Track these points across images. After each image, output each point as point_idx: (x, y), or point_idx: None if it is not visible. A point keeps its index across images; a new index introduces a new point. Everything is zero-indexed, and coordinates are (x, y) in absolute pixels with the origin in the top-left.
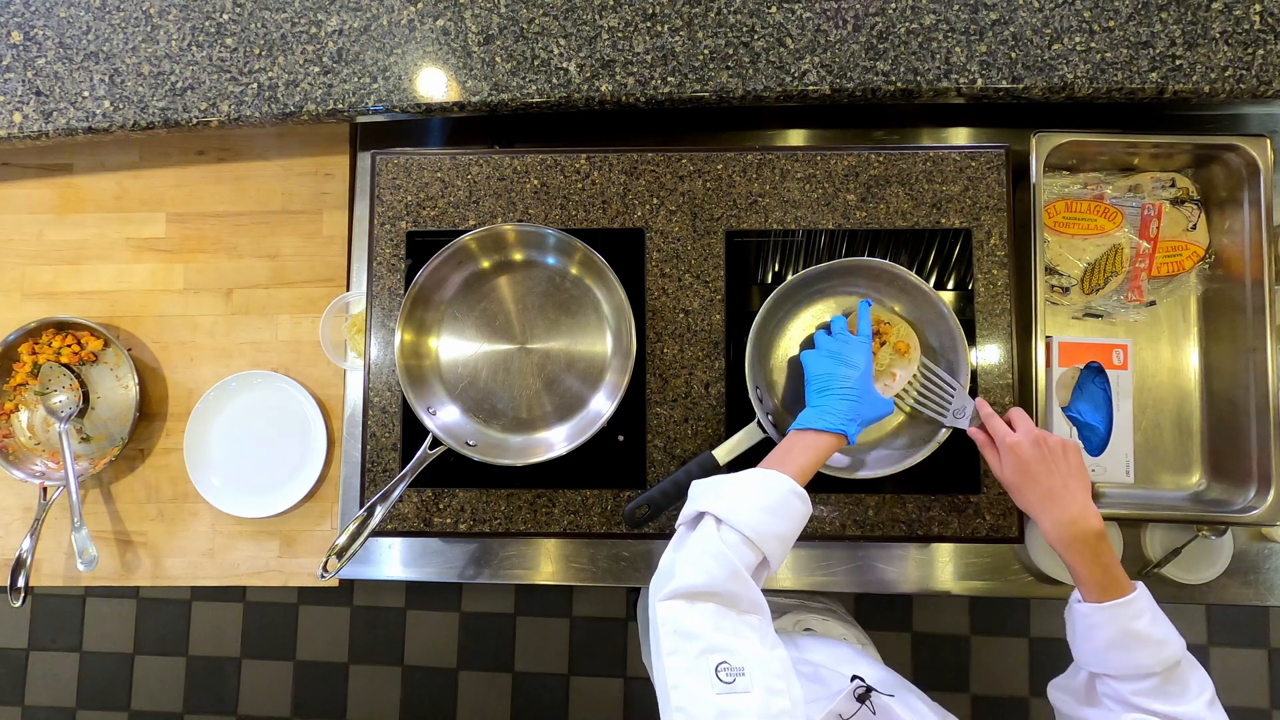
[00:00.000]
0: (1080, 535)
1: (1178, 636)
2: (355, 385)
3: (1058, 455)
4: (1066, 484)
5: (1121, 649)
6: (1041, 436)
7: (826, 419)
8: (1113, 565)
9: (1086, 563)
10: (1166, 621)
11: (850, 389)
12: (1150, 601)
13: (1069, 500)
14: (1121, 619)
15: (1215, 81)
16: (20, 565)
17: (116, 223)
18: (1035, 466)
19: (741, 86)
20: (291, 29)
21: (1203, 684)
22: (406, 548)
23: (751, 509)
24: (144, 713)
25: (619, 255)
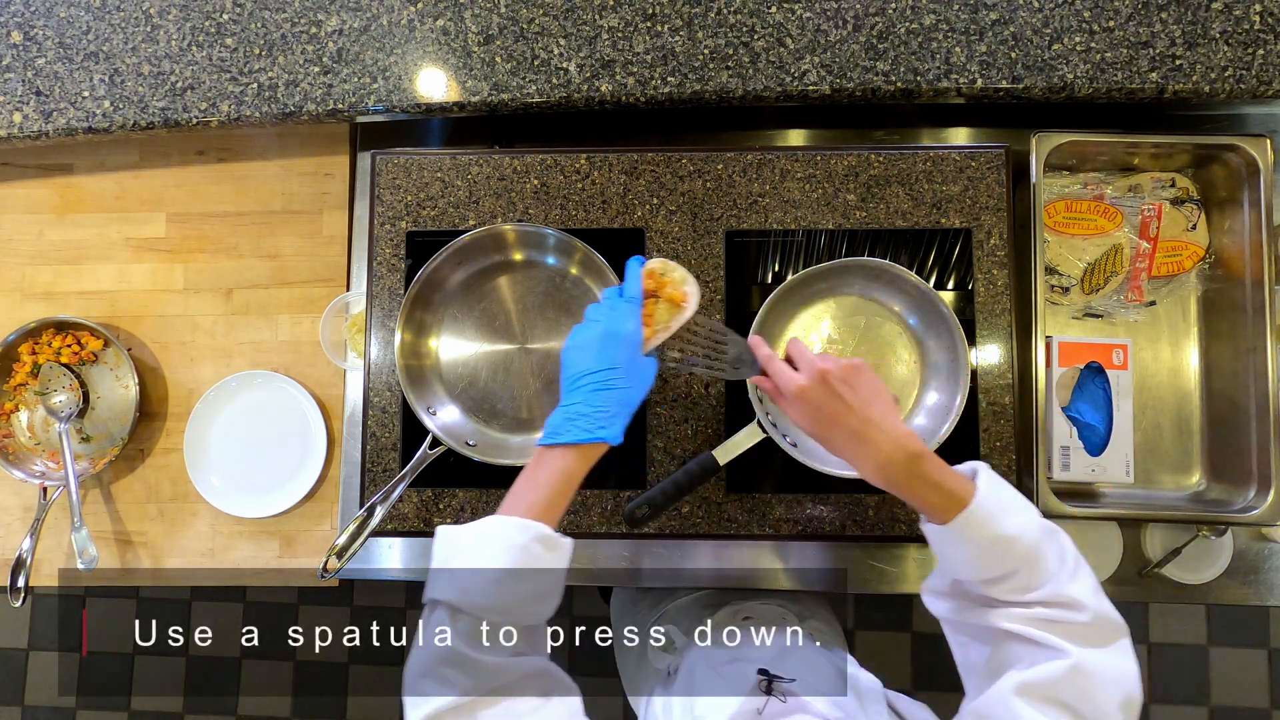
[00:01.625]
0: (904, 468)
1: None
2: (355, 385)
3: (851, 385)
4: (868, 416)
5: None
6: (823, 371)
7: (574, 428)
8: (945, 479)
9: (916, 490)
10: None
11: (606, 372)
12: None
13: (877, 437)
14: (969, 532)
15: (1215, 81)
16: (20, 565)
17: (116, 223)
18: (830, 408)
19: (741, 86)
20: (291, 29)
21: (1060, 554)
22: (406, 548)
23: (486, 583)
24: (144, 713)
25: (619, 255)
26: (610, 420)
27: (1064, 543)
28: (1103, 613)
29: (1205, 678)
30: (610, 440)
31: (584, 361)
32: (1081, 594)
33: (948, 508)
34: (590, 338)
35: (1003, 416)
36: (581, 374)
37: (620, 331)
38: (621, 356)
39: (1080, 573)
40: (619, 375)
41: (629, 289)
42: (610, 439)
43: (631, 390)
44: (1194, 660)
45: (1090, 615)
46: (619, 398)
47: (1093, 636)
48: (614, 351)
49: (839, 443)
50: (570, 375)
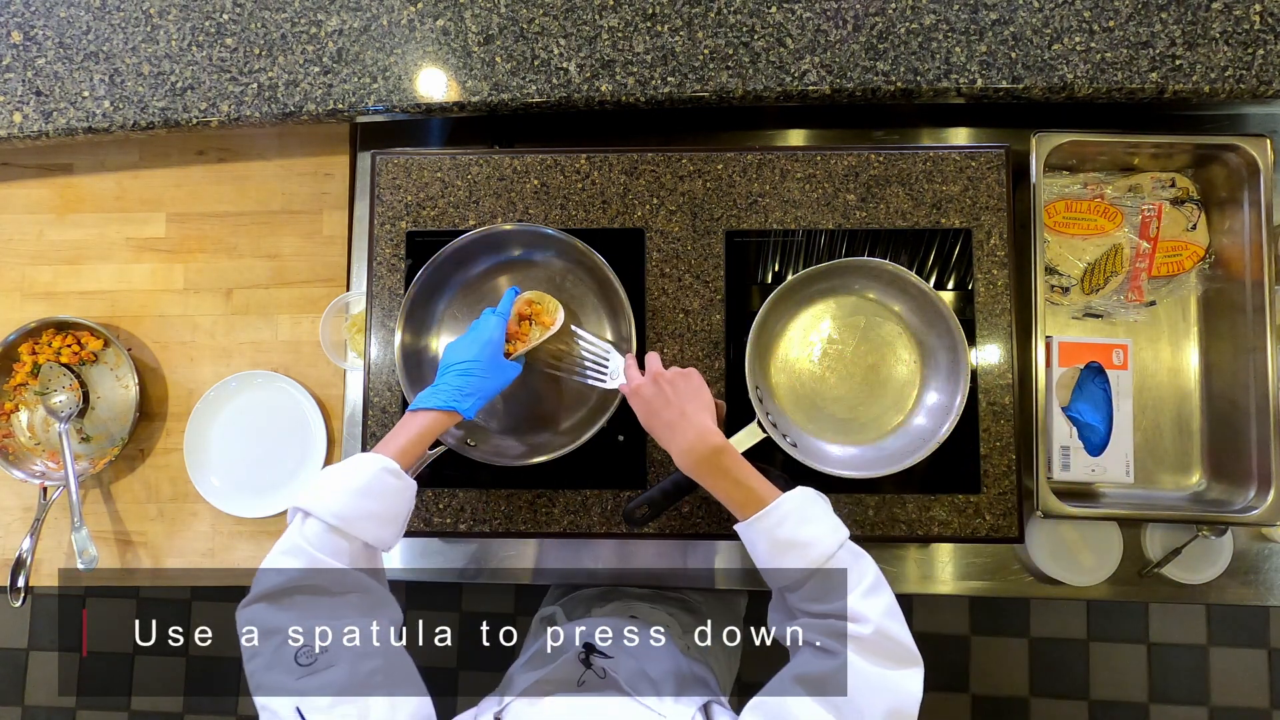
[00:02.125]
0: (703, 457)
1: (832, 534)
2: (355, 385)
3: (675, 386)
4: (683, 411)
5: (775, 560)
6: (659, 373)
7: (438, 397)
8: (748, 479)
9: (719, 483)
10: (818, 522)
11: (469, 363)
12: (798, 505)
13: (685, 427)
14: (766, 529)
15: (1215, 81)
16: (20, 565)
17: (116, 223)
18: (655, 403)
19: (741, 86)
20: (291, 29)
21: (861, 574)
22: (406, 548)
23: (338, 494)
24: (144, 713)
25: (619, 255)
26: (465, 398)
27: (866, 566)
28: (889, 633)
29: (1205, 678)
30: (463, 413)
31: (456, 354)
32: (870, 611)
33: (748, 505)
34: (465, 339)
35: (1003, 416)
36: (453, 363)
37: (484, 337)
38: (483, 355)
39: (877, 594)
40: (479, 367)
41: (501, 308)
42: (463, 412)
43: (488, 381)
44: (1194, 660)
45: (873, 630)
46: (475, 384)
47: (877, 651)
48: (478, 350)
49: (659, 430)
50: (444, 363)
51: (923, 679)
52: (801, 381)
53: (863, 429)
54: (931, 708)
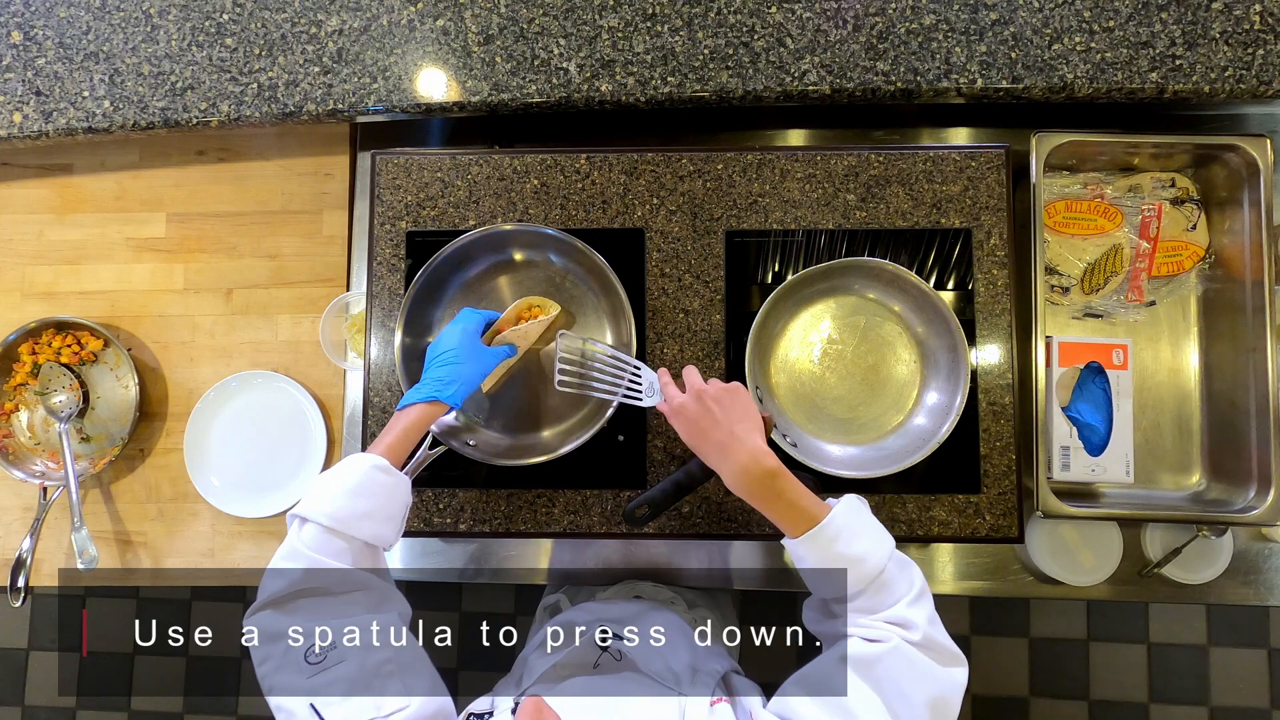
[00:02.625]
0: (756, 480)
1: (880, 546)
2: (355, 385)
3: (723, 404)
4: (733, 432)
5: (825, 574)
6: (702, 391)
7: (422, 390)
8: (801, 499)
9: (772, 504)
10: (867, 535)
11: (448, 351)
12: (847, 520)
13: (737, 449)
14: (818, 547)
15: (1215, 81)
16: (20, 565)
17: (116, 223)
18: (702, 422)
19: (741, 86)
20: (291, 29)
21: (909, 583)
22: (406, 548)
23: (332, 497)
24: (144, 713)
25: (619, 255)
26: (447, 386)
27: (914, 574)
28: (935, 639)
29: (1205, 678)
30: (450, 402)
31: (436, 348)
32: (917, 618)
33: (799, 523)
34: (446, 331)
35: (1003, 416)
36: (436, 355)
37: (460, 326)
38: (462, 343)
39: (921, 602)
40: (457, 355)
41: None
42: (450, 400)
43: (468, 368)
44: (1194, 660)
45: (921, 635)
46: (458, 372)
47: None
48: (456, 339)
49: (708, 451)
50: (429, 358)
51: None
52: (801, 381)
53: (863, 429)
54: None
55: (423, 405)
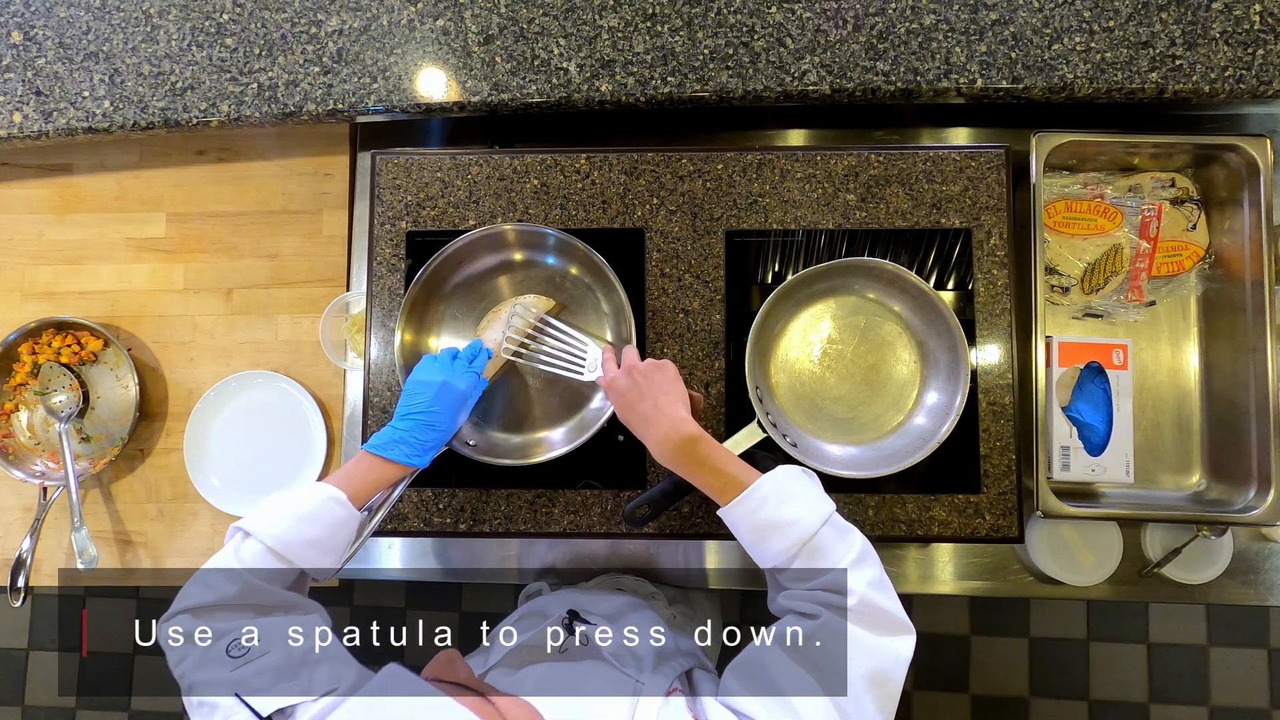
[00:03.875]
0: (677, 447)
1: (814, 510)
2: (355, 385)
3: (649, 378)
4: (656, 403)
5: (760, 541)
6: (633, 366)
7: (400, 451)
8: (726, 466)
9: (696, 472)
10: (800, 499)
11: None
12: (778, 485)
13: (659, 418)
14: (747, 514)
15: (1215, 81)
16: (20, 565)
17: (116, 223)
18: (629, 395)
19: (741, 86)
20: (291, 29)
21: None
22: (406, 548)
23: (281, 518)
24: (144, 713)
25: (619, 255)
26: (426, 452)
27: (854, 539)
28: (875, 602)
29: (1205, 678)
30: (418, 468)
31: (421, 396)
32: (855, 583)
33: (727, 489)
34: (432, 380)
35: (1003, 416)
36: (416, 407)
37: (457, 387)
38: (448, 406)
39: (862, 567)
40: (442, 418)
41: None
42: (421, 466)
43: (446, 433)
44: (1194, 660)
45: (857, 600)
46: (436, 437)
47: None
48: (445, 400)
49: (634, 423)
50: (407, 402)
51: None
52: (801, 381)
53: (863, 429)
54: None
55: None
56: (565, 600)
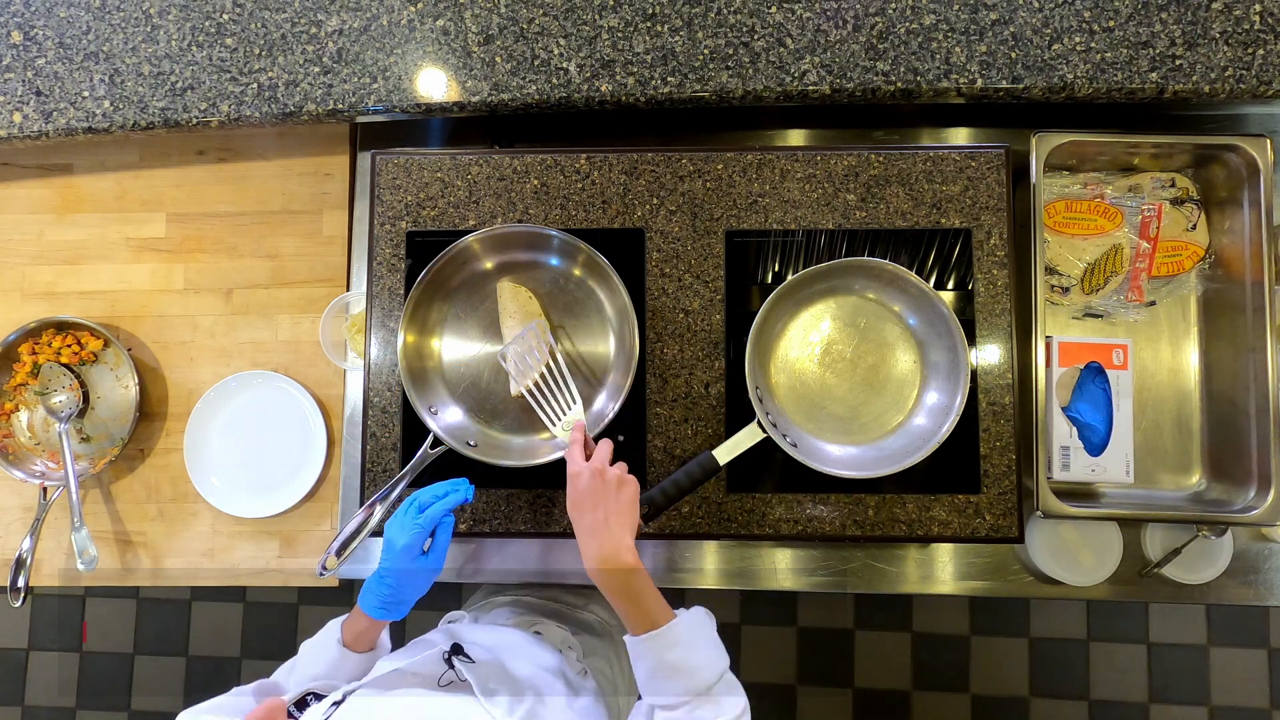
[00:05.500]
0: (612, 572)
1: (716, 662)
2: (355, 385)
3: (609, 490)
4: (608, 520)
5: (659, 678)
6: (599, 470)
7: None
8: (648, 600)
9: (621, 599)
10: (707, 648)
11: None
12: (688, 631)
13: (606, 537)
14: (655, 650)
15: (1215, 81)
16: (20, 565)
17: (116, 223)
18: (584, 499)
19: (741, 86)
20: (291, 29)
21: (734, 704)
22: None
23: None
24: (144, 713)
25: (619, 255)
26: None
27: (736, 702)
28: None
29: (1205, 678)
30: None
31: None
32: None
33: (643, 623)
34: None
35: (1003, 416)
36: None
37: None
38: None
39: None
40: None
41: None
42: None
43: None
44: (1194, 660)
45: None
46: (390, 595)
47: None
48: (389, 557)
49: (580, 526)
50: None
51: None
52: (802, 381)
53: (863, 429)
54: (932, 708)
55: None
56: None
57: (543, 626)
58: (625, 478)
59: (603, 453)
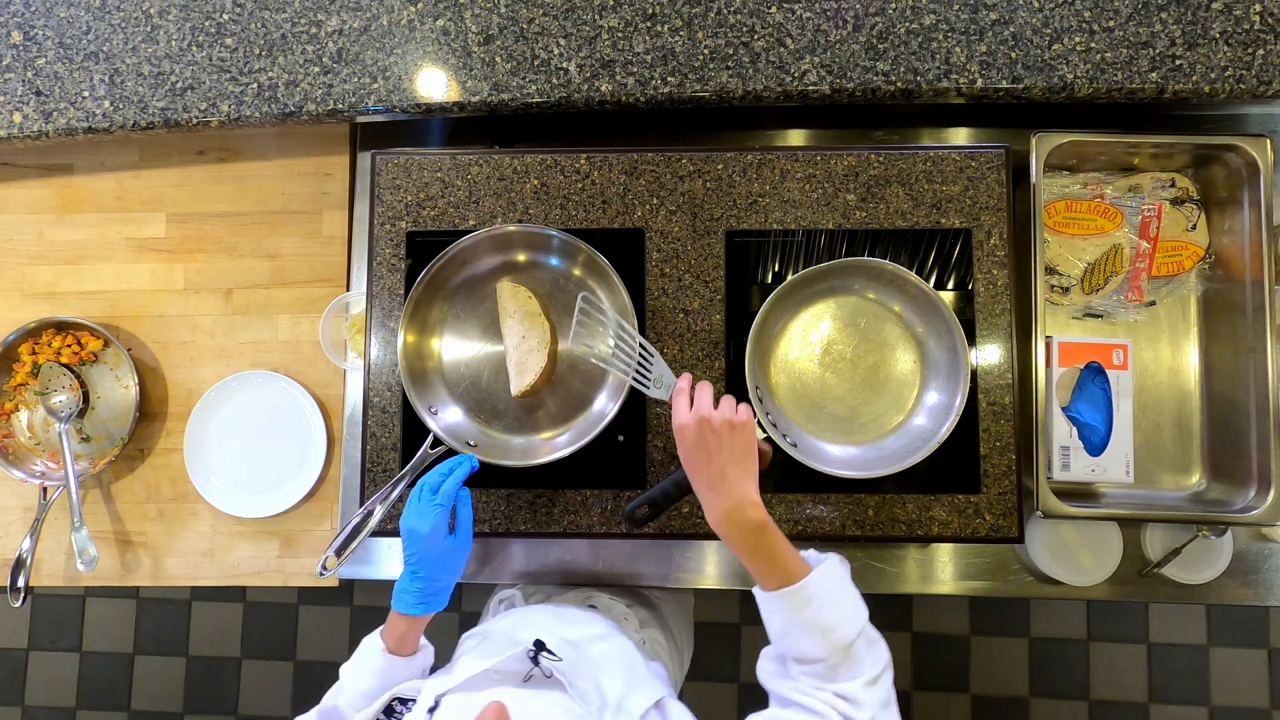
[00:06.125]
0: (738, 528)
1: (854, 619)
2: (355, 385)
3: (721, 439)
4: (725, 472)
5: (791, 636)
6: (705, 419)
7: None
8: (781, 554)
9: (749, 554)
10: (843, 604)
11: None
12: (823, 587)
13: (726, 491)
14: (788, 608)
15: (1215, 81)
16: (20, 565)
17: (116, 223)
18: (697, 453)
19: (741, 86)
20: (291, 29)
21: (874, 662)
22: None
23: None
24: (144, 713)
25: (619, 255)
26: (427, 600)
27: (880, 653)
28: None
29: (1205, 678)
30: (435, 611)
31: (405, 547)
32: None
33: (776, 578)
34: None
35: (1003, 416)
36: (405, 558)
37: (418, 530)
38: (421, 552)
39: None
40: (423, 565)
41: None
42: (427, 612)
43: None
44: (1194, 660)
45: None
46: (426, 587)
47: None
48: (415, 548)
49: (696, 482)
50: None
51: None
52: (802, 381)
53: (863, 429)
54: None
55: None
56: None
57: (596, 599)
58: (735, 420)
59: (705, 398)
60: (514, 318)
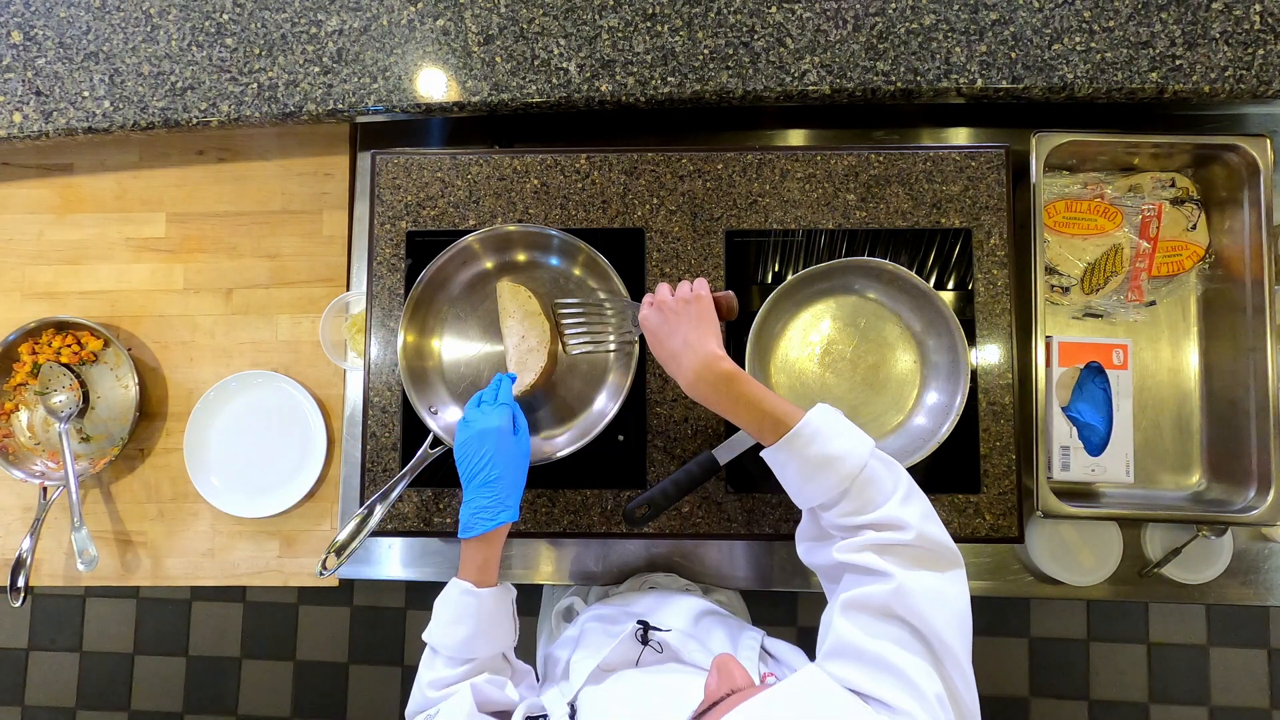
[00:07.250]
0: (711, 385)
1: (858, 445)
2: (355, 385)
3: (679, 314)
4: (686, 339)
5: (808, 480)
6: (661, 301)
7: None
8: (768, 403)
9: (733, 409)
10: (844, 435)
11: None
12: (823, 422)
13: (689, 355)
14: (795, 452)
15: (1215, 81)
16: (20, 565)
17: (116, 223)
18: (659, 333)
19: (741, 86)
20: (291, 29)
21: (896, 480)
22: (406, 548)
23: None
24: (144, 713)
25: (619, 255)
26: (504, 506)
27: (900, 473)
28: (930, 536)
29: (1205, 678)
30: (510, 520)
31: (468, 462)
32: (909, 516)
33: (772, 428)
34: (468, 438)
35: (1003, 416)
36: (470, 474)
37: (489, 428)
38: (495, 450)
39: (913, 499)
40: (496, 465)
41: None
42: (509, 519)
43: (510, 476)
44: (1194, 660)
45: (914, 534)
46: (504, 486)
47: (920, 559)
48: (487, 446)
49: (665, 362)
50: (463, 475)
51: (964, 572)
52: (802, 381)
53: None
54: None
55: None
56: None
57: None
58: (688, 297)
59: (663, 289)
60: (514, 317)
